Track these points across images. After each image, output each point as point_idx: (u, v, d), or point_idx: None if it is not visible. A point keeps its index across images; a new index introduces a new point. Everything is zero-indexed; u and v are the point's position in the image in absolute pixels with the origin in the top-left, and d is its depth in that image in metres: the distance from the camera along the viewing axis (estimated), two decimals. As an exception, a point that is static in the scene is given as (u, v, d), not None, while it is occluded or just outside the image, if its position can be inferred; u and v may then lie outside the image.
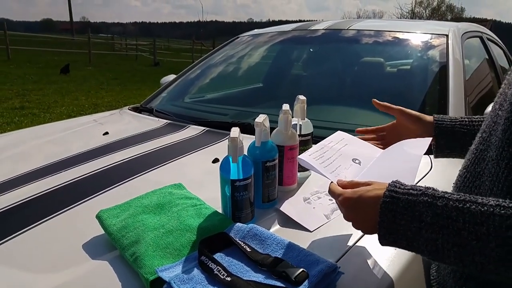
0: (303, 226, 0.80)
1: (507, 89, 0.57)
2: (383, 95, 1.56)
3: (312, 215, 0.84)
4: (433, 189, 0.53)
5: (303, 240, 0.76)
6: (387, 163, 0.78)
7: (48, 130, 1.58)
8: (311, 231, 0.79)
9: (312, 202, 0.88)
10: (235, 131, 0.73)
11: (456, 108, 1.31)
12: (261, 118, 0.80)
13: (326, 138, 0.87)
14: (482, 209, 0.47)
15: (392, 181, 0.56)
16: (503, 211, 0.46)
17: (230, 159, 0.75)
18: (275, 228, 0.80)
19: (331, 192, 0.66)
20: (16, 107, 5.73)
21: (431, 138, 0.81)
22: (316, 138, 1.10)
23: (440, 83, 1.45)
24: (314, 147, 0.82)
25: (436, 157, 0.90)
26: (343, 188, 0.65)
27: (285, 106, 0.88)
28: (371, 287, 0.66)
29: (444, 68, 1.48)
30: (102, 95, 7.35)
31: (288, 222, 0.82)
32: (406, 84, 1.61)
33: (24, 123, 4.72)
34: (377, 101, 0.96)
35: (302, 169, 0.99)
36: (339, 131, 0.91)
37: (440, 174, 1.02)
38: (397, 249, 0.58)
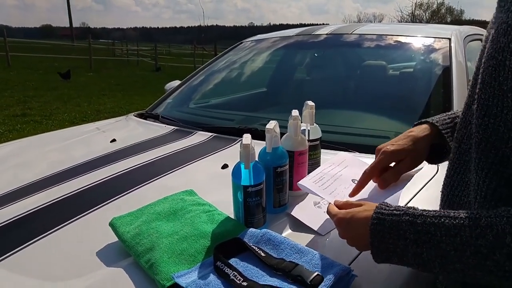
0: (314, 230, 0.81)
1: (470, 103, 0.59)
2: (388, 98, 1.58)
3: (322, 219, 0.84)
4: (414, 208, 0.57)
5: (314, 244, 0.77)
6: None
7: (55, 137, 1.60)
8: (322, 235, 0.80)
9: (322, 206, 0.89)
10: (247, 138, 0.74)
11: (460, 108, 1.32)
12: (272, 124, 0.81)
13: (328, 161, 0.90)
14: (454, 222, 0.52)
15: (379, 204, 0.61)
16: (471, 222, 0.51)
17: (242, 166, 0.76)
18: (287, 233, 0.81)
19: (328, 212, 0.70)
20: (17, 114, 5.75)
21: (421, 166, 0.80)
22: (322, 143, 1.12)
23: (444, 85, 1.46)
24: (315, 171, 0.85)
25: (431, 163, 0.83)
26: (338, 208, 0.69)
27: (294, 112, 0.89)
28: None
29: (447, 70, 1.49)
30: (104, 101, 7.37)
31: (299, 226, 0.83)
32: (411, 87, 1.62)
33: (26, 131, 4.74)
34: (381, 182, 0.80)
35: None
36: (340, 152, 0.94)
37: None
38: None
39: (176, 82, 2.27)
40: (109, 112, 5.98)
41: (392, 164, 0.78)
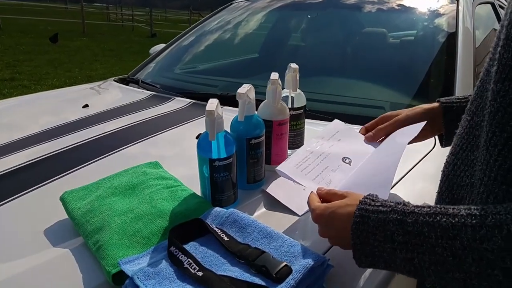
0: (291, 210, 0.72)
1: (490, 67, 0.50)
2: (386, 66, 1.46)
3: (301, 197, 0.75)
4: (404, 203, 0.48)
5: (290, 226, 0.68)
6: (373, 164, 0.70)
7: (23, 100, 1.48)
8: (299, 215, 0.71)
9: (302, 183, 0.80)
10: (212, 103, 0.64)
11: (464, 81, 1.21)
12: (245, 88, 0.70)
13: (318, 133, 0.78)
14: (453, 221, 0.42)
15: (364, 197, 0.52)
16: (474, 221, 0.41)
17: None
18: (261, 212, 0.72)
19: (308, 204, 0.61)
20: (6, 78, 5.56)
21: (424, 123, 0.72)
22: (312, 112, 1.01)
23: (448, 53, 1.34)
24: (299, 150, 0.74)
25: (445, 146, 0.80)
26: (320, 198, 0.61)
27: (274, 75, 0.77)
28: (363, 281, 0.58)
29: (453, 37, 1.36)
30: (96, 67, 7.16)
31: (275, 205, 0.74)
32: (411, 55, 1.50)
33: (14, 95, 4.58)
34: (368, 134, 0.80)
35: (294, 146, 0.91)
36: (336, 121, 0.83)
37: (442, 154, 0.94)
38: None
39: (162, 46, 2.13)
40: (100, 78, 5.71)
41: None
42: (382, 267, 0.49)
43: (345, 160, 0.73)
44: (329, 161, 0.72)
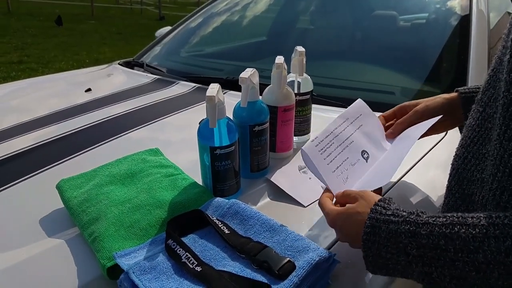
0: (296, 200, 0.69)
1: (503, 55, 0.46)
2: (396, 50, 1.40)
3: (307, 187, 0.72)
4: (417, 213, 0.44)
5: (295, 217, 0.66)
6: (384, 163, 0.66)
7: (29, 83, 1.46)
8: (305, 206, 0.68)
9: (308, 171, 0.76)
10: (213, 89, 0.60)
11: (477, 65, 1.16)
12: (248, 73, 0.66)
13: (343, 113, 0.70)
14: (474, 232, 0.39)
15: (375, 203, 0.48)
16: (498, 231, 0.38)
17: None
18: (264, 202, 0.69)
19: (320, 205, 0.57)
20: (14, 61, 5.55)
21: (436, 118, 0.68)
22: (319, 98, 0.97)
23: (460, 37, 1.28)
24: (326, 130, 0.66)
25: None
26: (337, 198, 0.58)
27: (278, 59, 0.73)
28: (371, 277, 0.55)
29: (466, 20, 1.30)
30: (104, 51, 7.11)
31: (280, 195, 0.71)
32: (422, 38, 1.44)
33: (21, 78, 4.58)
34: (388, 131, 0.75)
35: (300, 132, 0.87)
36: (359, 100, 0.75)
37: (454, 142, 0.90)
38: None
39: (167, 28, 2.09)
40: (108, 62, 5.70)
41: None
42: (400, 277, 0.46)
43: (364, 154, 0.69)
44: (349, 153, 0.67)
